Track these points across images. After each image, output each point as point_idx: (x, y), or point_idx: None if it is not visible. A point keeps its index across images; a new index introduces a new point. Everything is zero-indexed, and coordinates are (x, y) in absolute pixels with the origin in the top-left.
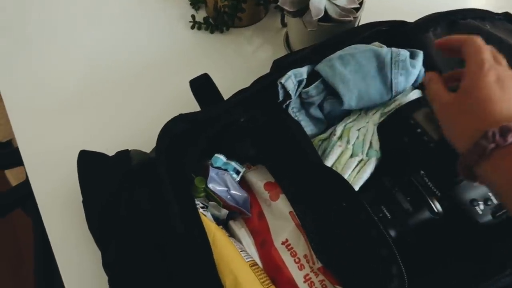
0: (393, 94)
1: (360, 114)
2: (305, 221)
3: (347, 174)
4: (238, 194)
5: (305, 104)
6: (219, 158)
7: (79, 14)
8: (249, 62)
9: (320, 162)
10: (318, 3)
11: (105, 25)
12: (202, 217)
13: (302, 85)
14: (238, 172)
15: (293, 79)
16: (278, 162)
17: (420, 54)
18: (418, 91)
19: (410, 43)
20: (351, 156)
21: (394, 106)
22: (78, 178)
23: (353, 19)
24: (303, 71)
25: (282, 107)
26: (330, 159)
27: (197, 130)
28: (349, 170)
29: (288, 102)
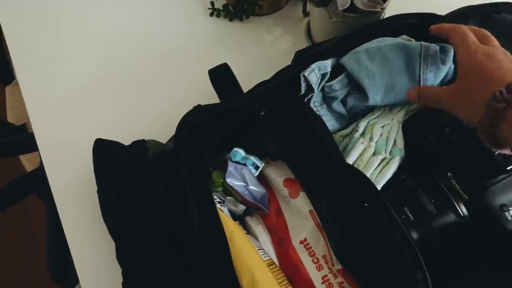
0: None
1: (384, 110)
2: (326, 220)
3: (369, 173)
4: (256, 190)
5: (327, 98)
6: (238, 152)
7: (97, 0)
8: (268, 52)
9: (342, 160)
10: None
11: (122, 11)
12: (220, 213)
13: (326, 78)
14: (257, 167)
15: (316, 72)
16: (299, 158)
17: (451, 50)
18: None
19: (440, 38)
20: (374, 154)
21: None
22: (94, 167)
23: (380, 10)
24: (328, 64)
25: (304, 101)
26: (352, 156)
27: (216, 122)
28: (371, 169)
29: (310, 96)
